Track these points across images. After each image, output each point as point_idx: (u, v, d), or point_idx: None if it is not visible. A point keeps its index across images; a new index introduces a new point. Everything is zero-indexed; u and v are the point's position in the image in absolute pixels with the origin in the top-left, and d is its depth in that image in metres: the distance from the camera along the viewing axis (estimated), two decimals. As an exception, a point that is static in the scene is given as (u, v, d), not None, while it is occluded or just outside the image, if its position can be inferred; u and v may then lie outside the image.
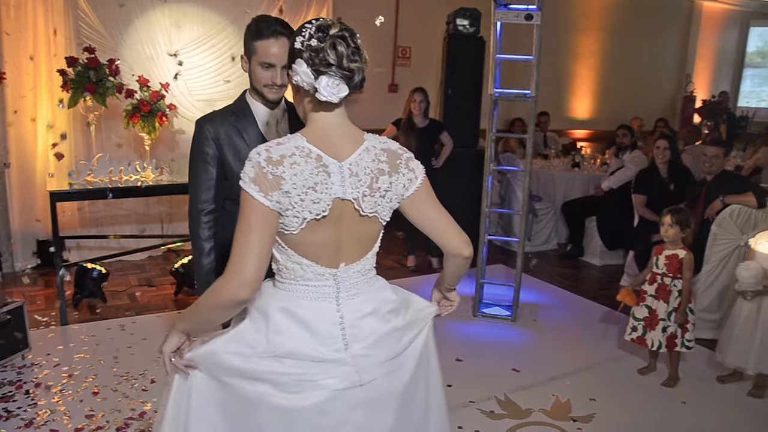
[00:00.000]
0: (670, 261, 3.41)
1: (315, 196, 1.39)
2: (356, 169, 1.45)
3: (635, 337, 3.51)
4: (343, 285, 1.50)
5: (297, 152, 1.40)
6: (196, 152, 2.14)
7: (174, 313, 4.21)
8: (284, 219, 1.41)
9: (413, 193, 1.53)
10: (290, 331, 1.45)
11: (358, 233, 1.50)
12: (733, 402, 3.35)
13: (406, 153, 1.54)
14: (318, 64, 1.39)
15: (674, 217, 3.40)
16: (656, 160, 5.03)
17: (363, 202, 1.45)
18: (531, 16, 3.80)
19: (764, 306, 3.34)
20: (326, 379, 1.44)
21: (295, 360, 1.43)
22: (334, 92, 1.40)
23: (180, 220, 5.56)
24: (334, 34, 1.39)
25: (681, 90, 9.52)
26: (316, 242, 1.45)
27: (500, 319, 4.41)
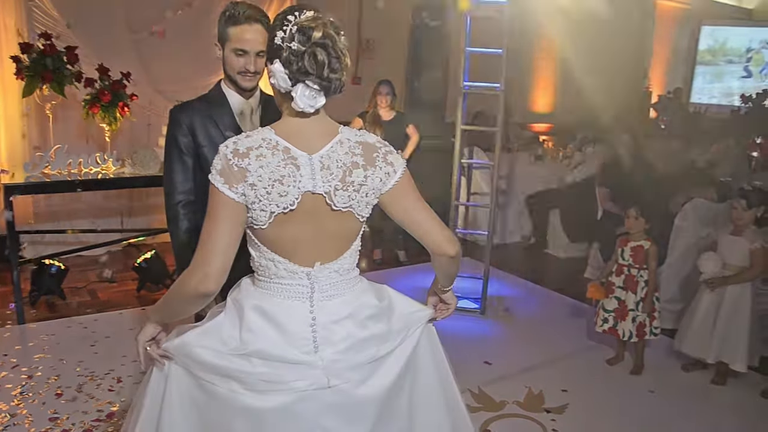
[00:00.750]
0: (636, 252, 3.48)
1: (281, 189, 1.36)
2: (328, 162, 1.41)
3: (607, 329, 3.57)
4: (318, 285, 1.46)
5: (264, 144, 1.38)
6: (170, 143, 2.10)
7: (138, 309, 4.09)
8: (252, 212, 1.38)
9: (392, 188, 1.48)
10: (261, 331, 1.42)
11: (333, 230, 1.45)
12: (698, 390, 3.45)
13: (384, 146, 1.49)
14: (296, 72, 1.35)
15: (639, 210, 3.47)
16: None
17: (335, 196, 1.41)
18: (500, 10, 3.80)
19: (726, 297, 3.44)
20: (293, 381, 1.40)
21: (263, 360, 1.40)
22: (310, 103, 1.37)
23: (141, 215, 5.40)
24: (317, 40, 1.34)
25: (639, 85, 9.73)
26: (288, 238, 1.42)
27: (469, 311, 4.43)
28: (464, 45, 4.12)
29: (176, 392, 1.46)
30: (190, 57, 5.29)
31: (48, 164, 3.86)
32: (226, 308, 1.49)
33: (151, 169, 4.02)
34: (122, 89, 4.07)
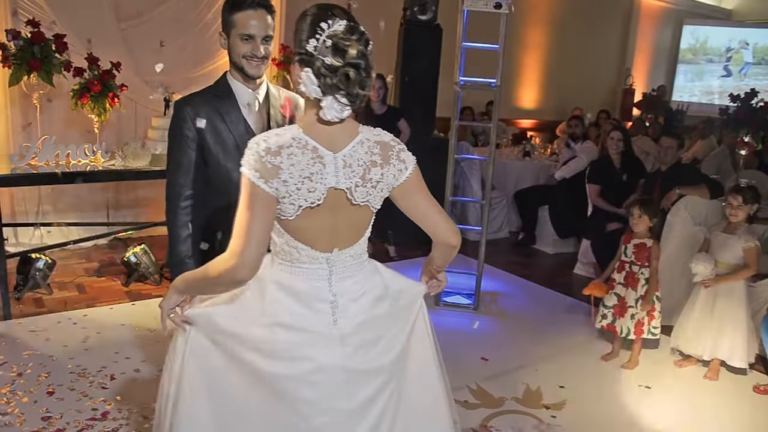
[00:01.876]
0: (638, 250, 3.50)
1: (311, 185, 1.45)
2: (350, 160, 1.49)
3: (605, 325, 3.59)
4: (336, 268, 1.57)
5: (294, 144, 1.45)
6: (174, 135, 2.07)
7: (128, 304, 4.01)
8: (281, 205, 1.46)
9: (403, 183, 1.58)
10: (284, 303, 1.53)
11: (351, 220, 1.56)
12: (693, 385, 3.48)
13: (398, 145, 1.58)
14: (328, 85, 1.41)
15: (643, 208, 3.49)
16: (610, 150, 5.16)
17: (355, 192, 1.50)
18: (500, 5, 3.79)
19: (719, 295, 3.48)
20: (314, 351, 1.51)
21: (286, 330, 1.50)
22: (338, 115, 1.44)
23: (127, 208, 5.30)
24: (351, 60, 1.40)
25: (621, 83, 9.83)
26: (311, 228, 1.51)
27: (462, 307, 4.43)
28: (460, 40, 4.10)
29: (194, 358, 1.56)
30: (178, 47, 5.21)
31: (35, 155, 3.76)
32: (247, 285, 1.55)
33: (141, 161, 3.93)
34: (112, 79, 3.97)
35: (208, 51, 5.39)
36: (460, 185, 6.55)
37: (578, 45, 9.13)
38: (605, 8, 9.33)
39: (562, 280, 5.27)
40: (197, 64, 5.29)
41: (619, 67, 9.93)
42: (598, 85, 9.68)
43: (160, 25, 5.09)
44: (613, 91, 9.94)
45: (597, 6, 9.17)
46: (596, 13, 9.23)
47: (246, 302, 1.55)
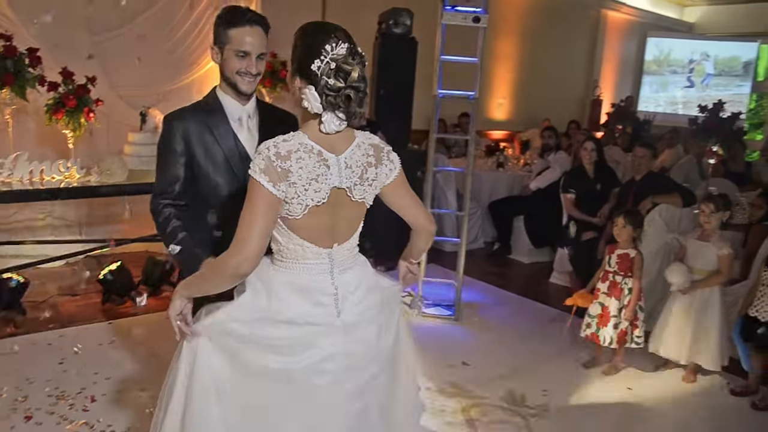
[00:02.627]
0: (622, 260, 3.57)
1: (317, 186, 1.59)
2: (350, 162, 1.65)
3: (589, 334, 3.64)
4: (336, 262, 1.70)
5: (302, 148, 1.58)
6: (163, 149, 2.04)
7: (105, 323, 3.92)
8: (289, 206, 1.59)
9: (392, 181, 1.75)
10: (290, 299, 1.65)
11: (348, 216, 1.71)
12: (670, 389, 3.56)
13: (386, 146, 1.76)
14: (330, 103, 1.56)
15: (627, 219, 3.56)
16: (583, 161, 5.25)
17: (354, 190, 1.66)
18: (478, 18, 3.85)
19: (696, 300, 3.56)
20: (322, 342, 1.64)
21: (294, 325, 1.62)
22: (335, 129, 1.59)
23: (100, 224, 5.19)
24: (352, 83, 1.55)
25: (589, 94, 10.03)
26: (315, 226, 1.65)
27: (444, 318, 4.44)
28: (439, 53, 4.15)
29: (203, 368, 1.65)
30: (153, 61, 5.15)
31: (11, 172, 3.67)
32: (249, 285, 1.67)
33: (118, 177, 3.87)
34: (87, 94, 3.91)
35: (181, 65, 5.35)
36: (435, 196, 6.59)
37: (547, 57, 9.30)
38: (573, 21, 9.53)
39: (539, 289, 5.33)
40: (171, 79, 5.24)
41: (587, 79, 10.13)
42: (567, 96, 9.86)
43: (133, 40, 5.03)
44: (582, 102, 10.14)
45: (565, 19, 9.36)
46: (565, 25, 9.42)
47: (252, 302, 1.66)
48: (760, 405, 3.38)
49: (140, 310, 4.17)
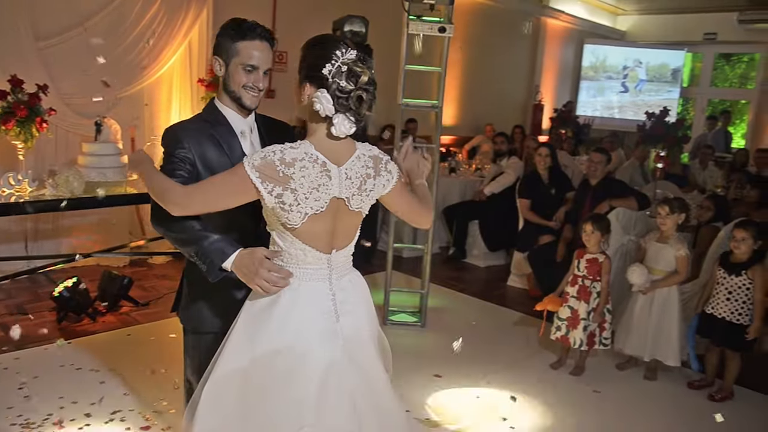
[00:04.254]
0: (591, 264, 3.69)
1: (317, 195, 1.65)
2: (350, 173, 1.71)
3: (559, 336, 3.73)
4: (334, 267, 1.77)
5: (306, 158, 1.64)
6: (169, 159, 1.90)
7: (65, 342, 3.73)
8: (289, 214, 1.65)
9: (390, 190, 1.81)
10: (295, 309, 1.69)
11: (347, 224, 1.77)
12: (634, 386, 3.72)
13: (385, 157, 1.81)
14: (342, 105, 1.62)
15: (595, 224, 3.68)
16: (538, 166, 5.40)
17: (352, 200, 1.72)
18: (444, 28, 3.90)
19: (656, 299, 3.72)
20: (324, 346, 1.70)
21: (299, 332, 1.68)
22: (346, 131, 1.65)
23: (48, 238, 4.96)
24: (363, 85, 1.62)
25: (531, 99, 10.30)
26: (316, 232, 1.71)
27: (410, 325, 4.47)
28: (403, 62, 4.17)
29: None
30: (102, 67, 4.95)
31: (-43, 187, 3.46)
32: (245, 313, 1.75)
33: (75, 190, 3.70)
34: (38, 102, 3.72)
35: (132, 72, 5.17)
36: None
37: (490, 63, 9.49)
38: (515, 28, 9.77)
39: (498, 292, 5.44)
40: (122, 86, 5.06)
41: (528, 84, 10.41)
42: (509, 101, 10.09)
43: (81, 46, 4.82)
44: (524, 107, 10.40)
45: (507, 26, 9.59)
46: (507, 32, 9.65)
47: (246, 335, 1.72)
48: (716, 397, 3.56)
49: (100, 327, 4.00)
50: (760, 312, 3.44)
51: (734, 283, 3.47)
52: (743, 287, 3.45)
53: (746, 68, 11.88)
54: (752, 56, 11.42)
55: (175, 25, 5.29)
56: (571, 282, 3.74)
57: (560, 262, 4.68)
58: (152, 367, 3.45)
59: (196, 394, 1.75)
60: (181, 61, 5.46)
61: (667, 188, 5.80)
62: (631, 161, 6.72)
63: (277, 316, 1.69)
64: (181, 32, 5.35)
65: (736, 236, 3.46)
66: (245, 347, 1.71)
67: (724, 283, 3.50)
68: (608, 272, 3.70)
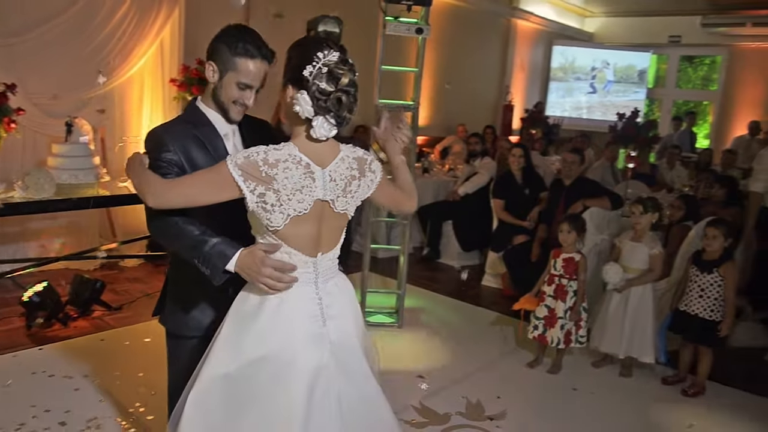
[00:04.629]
0: (567, 263, 3.73)
1: (300, 197, 1.64)
2: (334, 175, 1.70)
3: (537, 335, 3.77)
4: (320, 270, 1.75)
5: (290, 159, 1.64)
6: (155, 163, 1.85)
7: (34, 349, 3.64)
8: (270, 215, 1.64)
9: (376, 188, 1.82)
10: (281, 314, 1.68)
11: (332, 226, 1.76)
12: (610, 383, 3.78)
13: (370, 157, 1.81)
14: (321, 107, 1.61)
15: (571, 224, 3.72)
16: (512, 167, 5.45)
17: (337, 202, 1.71)
18: (422, 30, 3.91)
19: (630, 297, 3.79)
20: (311, 350, 1.68)
21: (285, 338, 1.66)
22: (326, 134, 1.64)
23: (9, 242, 4.81)
24: (343, 87, 1.61)
25: (501, 99, 10.40)
26: (300, 235, 1.69)
27: (387, 326, 4.46)
28: (379, 63, 4.17)
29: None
30: (70, 67, 4.83)
31: None
32: (231, 318, 1.74)
33: (46, 192, 3.61)
34: (6, 102, 3.62)
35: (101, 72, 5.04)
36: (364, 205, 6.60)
37: (463, 64, 9.55)
38: (486, 29, 9.85)
39: (473, 292, 5.47)
40: (91, 86, 4.94)
41: (499, 85, 10.50)
42: (480, 101, 10.17)
43: (46, 44, 4.68)
44: (495, 108, 10.49)
45: (478, 27, 9.66)
46: (478, 33, 9.72)
47: (233, 339, 1.70)
48: (689, 392, 3.65)
49: (72, 332, 3.91)
50: (731, 308, 3.53)
51: (706, 281, 3.55)
52: (715, 284, 3.53)
53: (708, 70, 12.18)
54: (713, 59, 11.71)
55: (147, 24, 5.19)
56: (548, 281, 3.79)
57: (535, 262, 4.73)
58: (128, 372, 3.38)
59: (180, 402, 1.71)
60: (152, 61, 5.36)
61: (636, 188, 5.91)
62: (601, 161, 6.83)
63: (263, 321, 1.68)
64: (153, 31, 5.25)
65: (708, 234, 3.55)
66: (231, 353, 1.69)
67: (696, 280, 3.58)
68: (585, 271, 3.75)
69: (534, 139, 8.23)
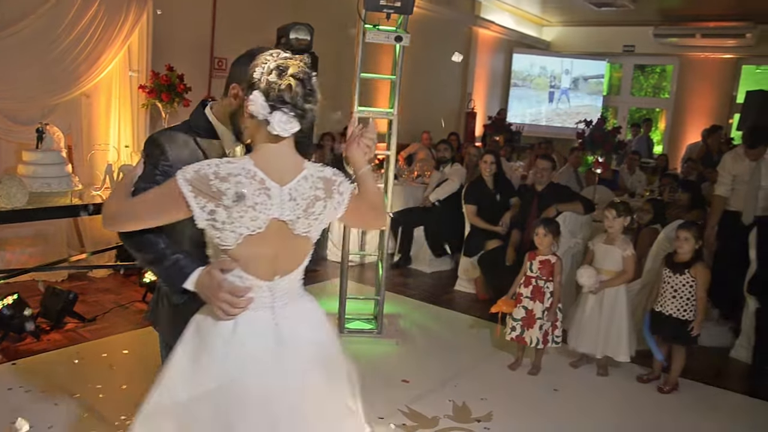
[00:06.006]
0: (543, 265, 3.82)
1: (253, 214, 1.55)
2: (295, 194, 1.60)
3: (515, 336, 3.85)
4: (278, 295, 1.66)
5: (243, 173, 1.55)
6: (151, 171, 1.80)
7: (7, 364, 3.51)
8: (221, 233, 1.56)
9: (345, 209, 1.72)
10: (232, 344, 1.60)
11: (291, 249, 1.67)
12: (589, 382, 3.89)
13: (339, 177, 1.70)
14: (274, 100, 1.54)
15: (546, 227, 3.81)
16: (483, 173, 5.54)
17: (297, 223, 1.62)
18: (401, 37, 3.95)
19: (605, 299, 3.90)
20: (266, 380, 1.59)
21: (237, 370, 1.58)
22: (286, 128, 1.55)
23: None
24: (293, 74, 1.56)
25: (464, 107, 10.56)
26: (254, 256, 1.61)
27: (366, 333, 4.47)
28: (358, 70, 4.20)
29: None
30: (36, 72, 4.70)
31: None
32: (185, 342, 1.65)
33: (18, 201, 3.50)
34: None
35: (66, 79, 4.91)
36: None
37: (426, 72, 9.65)
38: (448, 37, 9.99)
39: (447, 297, 5.53)
40: (58, 91, 4.81)
41: (461, 92, 10.66)
42: (443, 109, 10.29)
43: (10, 48, 4.55)
44: (458, 115, 10.64)
45: (441, 35, 9.78)
46: (440, 42, 9.83)
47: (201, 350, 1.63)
48: (664, 389, 3.78)
49: (45, 346, 3.79)
50: (703, 307, 3.67)
51: (679, 282, 3.69)
52: (687, 285, 3.68)
53: (658, 79, 12.64)
54: (664, 67, 12.17)
55: (114, 28, 5.09)
56: (524, 283, 3.87)
57: (509, 266, 4.82)
58: (110, 385, 3.30)
59: (132, 426, 1.66)
60: (120, 67, 5.26)
61: (601, 192, 6.09)
62: (566, 167, 7.01)
63: (217, 348, 1.60)
64: (120, 36, 5.15)
65: (680, 237, 3.69)
66: (183, 381, 1.62)
67: (669, 281, 3.72)
68: (560, 272, 3.85)
69: (500, 145, 8.37)
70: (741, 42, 10.13)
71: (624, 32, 11.26)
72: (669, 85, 11.81)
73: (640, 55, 11.63)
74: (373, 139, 1.85)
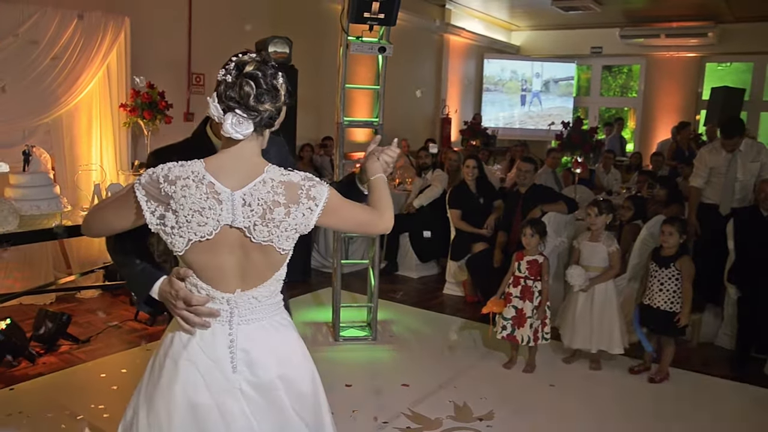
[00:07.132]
0: (531, 265, 3.91)
1: (201, 219, 1.49)
2: (249, 199, 1.52)
3: (505, 335, 3.93)
4: (238, 310, 1.58)
5: (191, 176, 1.50)
6: None
7: (6, 390, 3.47)
8: (171, 238, 1.52)
9: (321, 214, 1.57)
10: (182, 360, 1.56)
11: (256, 260, 1.57)
12: (583, 376, 3.99)
13: (308, 182, 1.57)
14: (226, 100, 1.50)
15: (534, 228, 3.91)
16: (466, 177, 5.63)
17: (254, 230, 1.53)
18: (384, 48, 4.03)
19: (595, 295, 4.00)
20: (219, 398, 1.55)
21: (188, 387, 1.54)
22: (237, 129, 1.50)
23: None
24: (247, 72, 1.50)
25: (439, 112, 10.68)
26: (212, 266, 1.55)
27: (361, 340, 4.52)
28: (342, 82, 4.26)
29: None
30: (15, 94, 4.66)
31: None
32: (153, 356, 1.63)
33: (9, 225, 3.48)
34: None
35: (46, 100, 4.88)
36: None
37: (401, 79, 9.75)
38: (420, 45, 10.12)
39: (436, 301, 5.60)
40: (41, 112, 4.79)
41: (436, 98, 10.78)
42: (419, 115, 10.40)
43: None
44: (433, 121, 10.76)
45: (413, 43, 9.91)
46: (413, 49, 9.96)
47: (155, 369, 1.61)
48: (656, 379, 3.89)
49: (42, 369, 3.75)
50: (688, 299, 3.79)
51: (665, 275, 3.81)
52: (673, 278, 3.80)
53: (626, 78, 12.94)
54: (631, 67, 12.47)
55: (92, 49, 5.08)
56: (513, 283, 3.96)
57: (496, 268, 4.91)
58: (114, 405, 3.29)
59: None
60: (100, 87, 5.24)
61: (581, 191, 6.23)
62: (544, 168, 7.14)
63: (170, 362, 1.57)
64: (99, 56, 5.14)
65: (665, 231, 3.81)
66: (147, 395, 1.60)
67: (656, 275, 3.84)
68: (548, 271, 3.96)
69: (478, 149, 8.49)
70: (704, 41, 10.44)
71: (591, 34, 11.51)
72: (637, 84, 12.10)
73: (608, 56, 11.89)
74: (394, 158, 1.86)
